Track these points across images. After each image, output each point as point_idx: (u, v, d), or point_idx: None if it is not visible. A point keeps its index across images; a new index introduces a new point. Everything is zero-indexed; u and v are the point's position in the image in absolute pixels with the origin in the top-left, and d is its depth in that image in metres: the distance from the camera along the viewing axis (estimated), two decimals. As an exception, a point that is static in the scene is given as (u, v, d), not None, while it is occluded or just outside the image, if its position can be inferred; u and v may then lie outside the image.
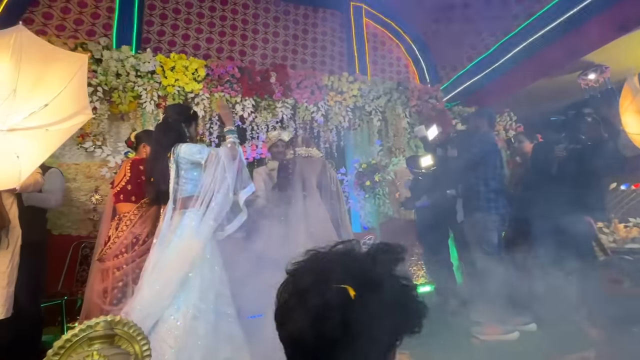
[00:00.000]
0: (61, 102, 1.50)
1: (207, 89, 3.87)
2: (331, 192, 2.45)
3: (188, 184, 1.91)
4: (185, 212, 1.89)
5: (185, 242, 1.85)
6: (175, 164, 1.85)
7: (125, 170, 2.16)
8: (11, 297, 1.74)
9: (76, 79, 1.52)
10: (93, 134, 3.48)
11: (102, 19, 4.47)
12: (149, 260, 1.86)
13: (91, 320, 1.01)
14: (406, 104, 4.81)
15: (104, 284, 2.04)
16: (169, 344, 1.71)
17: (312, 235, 2.26)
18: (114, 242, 2.04)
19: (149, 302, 1.74)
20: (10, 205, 1.79)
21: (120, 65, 3.59)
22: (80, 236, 3.38)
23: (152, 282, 1.79)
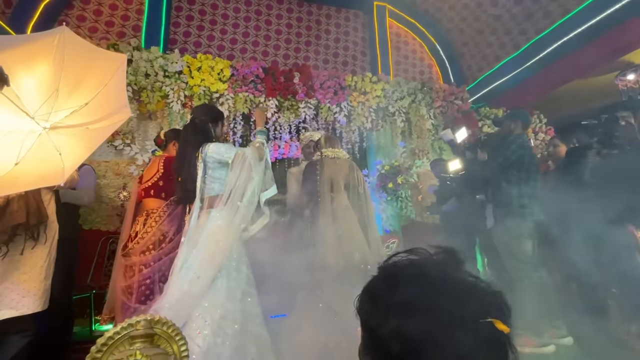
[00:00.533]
0: (101, 100, 1.53)
1: (231, 89, 3.90)
2: (359, 194, 2.39)
3: (215, 182, 1.91)
4: (212, 211, 1.89)
5: (212, 242, 1.85)
6: (203, 163, 1.86)
7: (158, 167, 2.16)
8: (48, 290, 1.79)
9: (116, 78, 1.54)
10: (122, 132, 3.57)
11: (131, 21, 4.60)
12: (177, 259, 1.87)
13: (132, 319, 1.01)
14: (430, 105, 4.70)
15: (129, 281, 2.03)
16: (197, 343, 1.72)
17: (340, 238, 2.22)
18: (142, 237, 2.03)
19: (178, 301, 1.74)
20: (49, 201, 1.85)
21: (149, 66, 3.67)
22: (108, 231, 3.47)
23: (181, 281, 1.80)
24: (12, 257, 1.62)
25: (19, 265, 1.63)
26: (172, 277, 1.85)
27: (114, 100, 1.50)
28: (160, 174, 2.14)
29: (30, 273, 1.66)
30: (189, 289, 1.79)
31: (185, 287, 1.79)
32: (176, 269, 1.85)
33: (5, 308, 1.57)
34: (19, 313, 1.59)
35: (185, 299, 1.77)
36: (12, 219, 1.51)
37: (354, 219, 2.29)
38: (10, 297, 1.59)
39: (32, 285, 1.65)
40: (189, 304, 1.76)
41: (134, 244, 2.04)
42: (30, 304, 1.63)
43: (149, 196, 2.16)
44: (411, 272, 0.52)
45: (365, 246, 2.30)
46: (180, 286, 1.79)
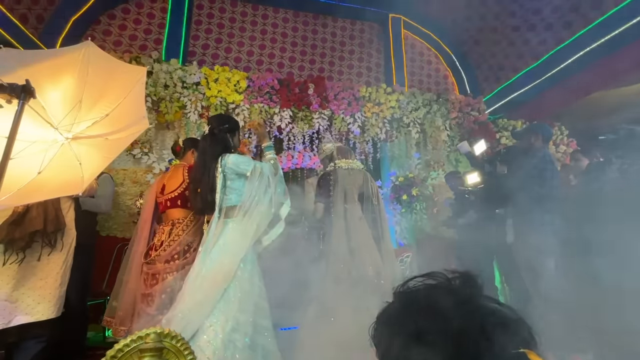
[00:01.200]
0: (121, 112, 1.57)
1: (247, 100, 3.97)
2: (373, 205, 2.36)
3: (232, 193, 1.92)
4: (228, 221, 1.90)
5: (227, 252, 1.85)
6: (222, 174, 1.88)
7: (183, 177, 2.17)
8: (62, 296, 1.82)
9: (135, 90, 1.59)
10: (141, 141, 3.68)
11: (153, 34, 4.78)
12: (192, 269, 1.88)
13: (142, 332, 1.01)
14: (446, 116, 4.64)
15: (150, 289, 2.04)
16: (207, 355, 1.70)
17: (353, 251, 2.19)
18: (168, 245, 2.04)
19: (191, 311, 1.74)
20: (68, 209, 1.90)
21: (168, 77, 3.79)
22: (124, 238, 3.54)
23: (195, 290, 1.80)
24: (29, 263, 1.66)
25: (35, 271, 1.67)
26: (186, 285, 1.85)
27: (132, 111, 1.54)
28: (186, 184, 2.14)
29: (47, 279, 1.69)
30: (203, 299, 1.79)
31: (199, 297, 1.79)
32: (191, 278, 1.86)
33: (20, 314, 1.60)
34: (33, 319, 1.62)
35: (198, 308, 1.77)
36: (30, 226, 1.55)
37: (367, 231, 2.26)
38: (26, 302, 1.63)
39: (48, 292, 1.68)
40: (202, 314, 1.76)
41: (160, 251, 2.05)
42: (45, 310, 1.66)
43: (175, 206, 2.16)
44: (429, 300, 0.49)
45: (378, 259, 2.26)
46: (194, 296, 1.79)
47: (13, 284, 1.67)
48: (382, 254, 2.31)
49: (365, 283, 2.15)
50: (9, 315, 1.63)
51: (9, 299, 1.66)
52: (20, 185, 1.36)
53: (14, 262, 1.62)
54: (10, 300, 1.66)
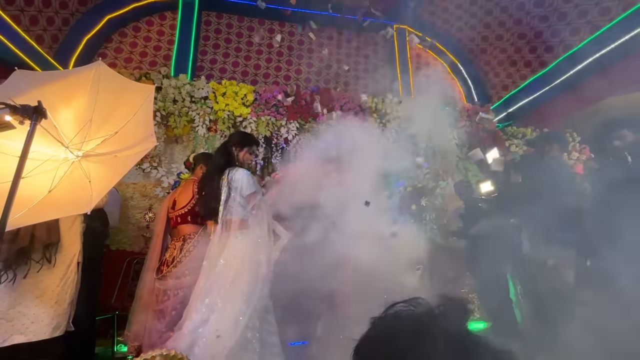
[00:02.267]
0: (130, 129, 1.59)
1: (254, 113, 4.01)
2: None
3: (238, 206, 1.92)
4: (235, 234, 1.89)
5: (232, 265, 1.84)
6: (227, 186, 1.89)
7: (192, 192, 2.19)
8: (62, 315, 1.75)
9: (144, 108, 1.61)
10: (150, 155, 3.72)
11: (162, 51, 4.91)
12: (198, 282, 1.87)
13: (147, 354, 0.99)
14: (454, 125, 4.59)
15: (162, 305, 2.05)
16: None
17: (357, 267, 2.16)
18: (180, 260, 2.06)
19: (195, 329, 1.72)
20: (72, 223, 1.89)
21: (177, 92, 3.86)
22: (133, 252, 3.56)
23: (201, 306, 1.78)
24: (24, 281, 1.65)
25: (31, 289, 1.66)
26: (192, 302, 1.83)
27: (141, 129, 1.56)
28: (196, 200, 2.16)
29: (42, 297, 1.68)
30: (208, 316, 1.76)
31: (204, 312, 1.77)
32: (195, 294, 1.84)
33: (16, 333, 1.58)
34: (27, 339, 1.59)
35: (204, 325, 1.74)
36: (17, 243, 1.55)
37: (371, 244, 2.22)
38: (21, 321, 1.61)
39: (42, 311, 1.65)
40: (209, 331, 1.74)
41: (171, 267, 2.06)
42: (38, 331, 1.63)
43: (185, 222, 2.18)
44: (410, 326, 0.46)
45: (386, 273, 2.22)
46: (200, 312, 1.77)
47: (9, 302, 1.65)
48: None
49: (374, 298, 2.11)
50: (4, 334, 1.60)
51: (5, 317, 1.63)
52: (31, 204, 1.37)
53: (5, 280, 1.61)
54: (7, 319, 1.63)
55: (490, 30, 5.27)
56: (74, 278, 1.89)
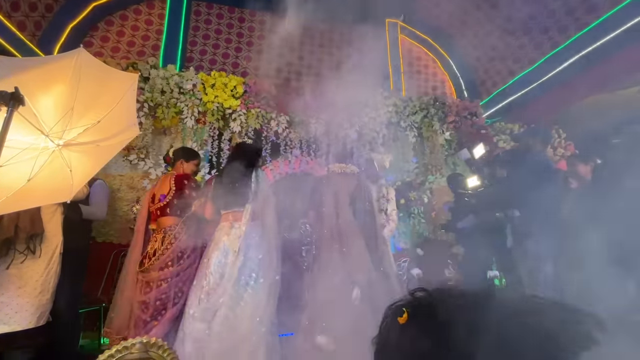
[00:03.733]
0: (112, 119, 1.57)
1: (244, 105, 3.97)
2: (365, 211, 2.34)
3: (260, 201, 2.06)
4: (253, 223, 2.01)
5: (256, 252, 1.94)
6: (256, 181, 2.04)
7: (170, 185, 2.21)
8: (45, 305, 1.77)
9: (127, 97, 1.58)
10: (137, 147, 3.67)
11: (151, 41, 4.81)
12: (205, 273, 1.91)
13: (127, 342, 0.99)
14: (443, 120, 4.64)
15: (145, 296, 2.06)
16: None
17: (344, 255, 2.17)
18: (162, 253, 2.09)
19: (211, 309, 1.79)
20: (53, 214, 1.87)
21: (165, 83, 3.80)
22: (120, 244, 3.52)
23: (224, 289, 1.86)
24: (6, 271, 1.64)
25: (13, 279, 1.64)
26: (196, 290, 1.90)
27: (124, 118, 1.54)
28: (173, 192, 2.18)
29: (25, 288, 1.67)
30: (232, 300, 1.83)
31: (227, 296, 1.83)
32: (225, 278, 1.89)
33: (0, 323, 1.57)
34: (10, 329, 1.58)
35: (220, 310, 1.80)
36: (1, 234, 1.53)
37: (358, 236, 2.24)
38: (4, 311, 1.60)
39: (25, 300, 1.65)
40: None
41: (153, 260, 2.09)
42: (22, 320, 1.62)
43: (164, 215, 2.22)
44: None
45: (369, 264, 2.23)
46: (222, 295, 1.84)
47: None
48: (376, 258, 2.29)
49: (354, 289, 2.14)
50: None
51: None
52: (9, 193, 1.35)
53: None
54: None
55: (480, 25, 5.30)
56: (57, 269, 1.88)
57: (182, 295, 2.00)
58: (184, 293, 2.00)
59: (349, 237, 2.24)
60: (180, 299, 1.99)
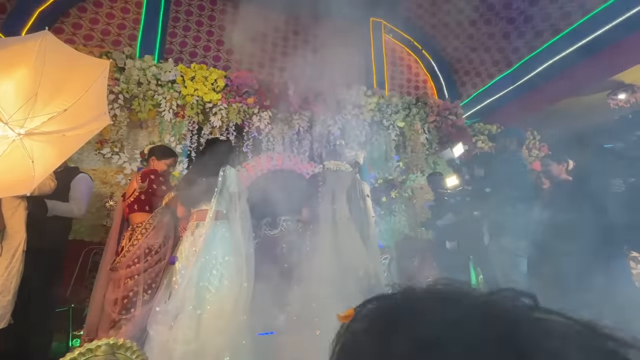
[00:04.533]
0: (81, 107, 1.47)
1: (225, 100, 3.88)
2: (359, 208, 2.36)
3: (225, 200, 2.00)
4: (218, 223, 1.95)
5: (220, 252, 1.89)
6: (222, 180, 1.97)
7: (136, 181, 2.18)
8: (5, 307, 1.66)
9: (97, 85, 1.49)
10: (111, 140, 3.51)
11: (128, 30, 4.60)
12: (185, 269, 1.87)
13: (92, 343, 0.93)
14: (425, 119, 4.71)
15: (114, 294, 2.02)
16: None
17: (340, 252, 2.18)
18: (128, 250, 2.04)
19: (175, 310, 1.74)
20: (15, 209, 1.74)
21: (142, 74, 3.64)
22: (92, 242, 3.36)
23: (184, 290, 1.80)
24: None
25: None
26: (175, 286, 1.83)
27: (93, 107, 1.45)
28: (140, 189, 2.13)
29: None
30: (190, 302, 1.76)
31: (186, 297, 1.76)
32: (187, 280, 1.82)
33: None
34: None
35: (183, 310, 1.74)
36: None
37: (355, 233, 2.25)
38: None
39: None
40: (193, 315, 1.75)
41: (120, 257, 2.05)
42: None
43: (133, 211, 2.17)
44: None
45: (366, 259, 2.26)
46: (182, 296, 1.76)
47: None
48: (367, 257, 2.32)
49: (352, 283, 2.15)
50: None
51: None
52: (-38, 184, 1.24)
53: None
54: None
55: (462, 29, 5.42)
56: (19, 267, 1.76)
57: (153, 293, 1.93)
58: (154, 290, 1.93)
59: (345, 233, 2.26)
60: (151, 297, 1.91)
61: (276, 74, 5.13)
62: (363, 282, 2.21)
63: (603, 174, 2.26)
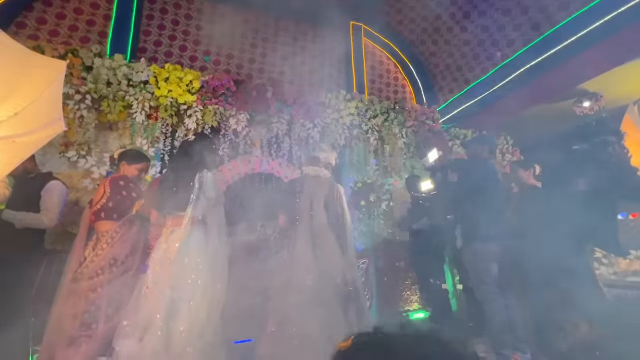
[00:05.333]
0: (33, 111, 1.37)
1: (200, 101, 3.77)
2: (337, 214, 2.36)
3: (202, 206, 1.92)
4: (194, 229, 1.89)
5: (195, 259, 1.82)
6: (198, 184, 1.90)
7: (104, 188, 2.06)
8: None
9: (52, 88, 1.40)
10: (78, 142, 3.33)
11: (97, 27, 4.40)
12: (145, 280, 1.80)
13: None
14: (403, 124, 4.77)
15: (74, 308, 1.89)
16: None
17: (317, 258, 2.16)
18: (92, 260, 1.93)
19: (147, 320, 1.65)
20: None
21: (111, 74, 3.49)
22: (55, 250, 3.16)
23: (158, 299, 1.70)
24: None
25: None
26: (148, 295, 1.74)
27: (47, 111, 1.35)
28: (108, 195, 2.02)
29: None
30: (167, 311, 1.68)
31: (161, 306, 1.68)
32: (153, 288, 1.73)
33: None
34: None
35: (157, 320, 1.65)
36: None
37: (332, 239, 2.25)
38: None
39: None
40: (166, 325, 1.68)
41: (82, 268, 1.92)
42: None
43: (100, 219, 2.04)
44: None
45: (342, 266, 2.26)
46: (158, 305, 1.67)
47: None
48: (345, 263, 2.32)
49: (329, 291, 2.14)
50: None
51: None
52: None
53: None
54: None
55: (439, 34, 5.54)
56: None
57: (117, 306, 1.83)
58: (119, 303, 1.83)
59: (323, 240, 2.25)
60: (115, 311, 1.81)
61: (255, 76, 5.06)
62: (339, 288, 2.21)
63: (570, 174, 2.37)
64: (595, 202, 2.11)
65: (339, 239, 2.36)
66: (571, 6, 3.95)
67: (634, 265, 2.82)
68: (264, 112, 4.06)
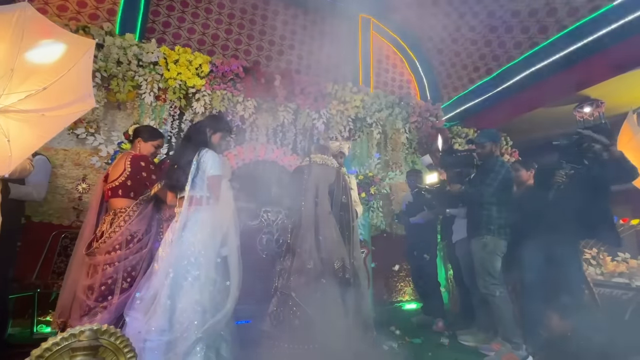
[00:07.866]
0: (62, 86, 1.41)
1: (209, 86, 3.79)
2: (341, 203, 2.42)
3: (202, 185, 1.91)
4: (196, 208, 1.89)
5: (197, 237, 1.83)
6: (196, 164, 1.89)
7: (125, 165, 2.08)
8: None
9: (81, 64, 1.43)
10: (87, 120, 3.35)
11: (106, 4, 4.36)
12: (160, 256, 1.84)
13: (75, 329, 0.93)
14: (406, 119, 4.83)
15: (90, 280, 1.94)
16: None
17: (320, 243, 2.23)
18: (109, 236, 1.96)
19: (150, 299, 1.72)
20: None
21: (122, 53, 3.48)
22: (61, 225, 3.22)
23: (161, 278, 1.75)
24: None
25: None
26: (150, 274, 1.80)
27: (77, 87, 1.39)
28: (127, 173, 2.06)
29: None
30: (167, 290, 1.73)
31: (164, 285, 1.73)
32: (164, 267, 1.78)
33: None
34: None
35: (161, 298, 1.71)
36: None
37: (335, 226, 2.31)
38: None
39: None
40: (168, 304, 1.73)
41: (100, 243, 1.96)
42: None
43: (116, 196, 2.07)
44: None
45: (344, 253, 2.31)
46: (160, 285, 1.73)
47: None
48: (349, 248, 2.38)
49: (330, 275, 2.21)
50: None
51: None
52: None
53: None
54: None
55: (447, 32, 5.56)
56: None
57: (132, 281, 1.89)
58: (134, 278, 1.90)
59: (325, 226, 2.30)
60: (130, 285, 1.88)
61: (262, 63, 5.06)
62: (339, 273, 2.28)
63: (552, 170, 2.47)
64: (588, 192, 2.19)
65: (342, 227, 2.41)
66: (580, 12, 4.00)
67: (620, 267, 2.95)
68: (271, 100, 4.09)
